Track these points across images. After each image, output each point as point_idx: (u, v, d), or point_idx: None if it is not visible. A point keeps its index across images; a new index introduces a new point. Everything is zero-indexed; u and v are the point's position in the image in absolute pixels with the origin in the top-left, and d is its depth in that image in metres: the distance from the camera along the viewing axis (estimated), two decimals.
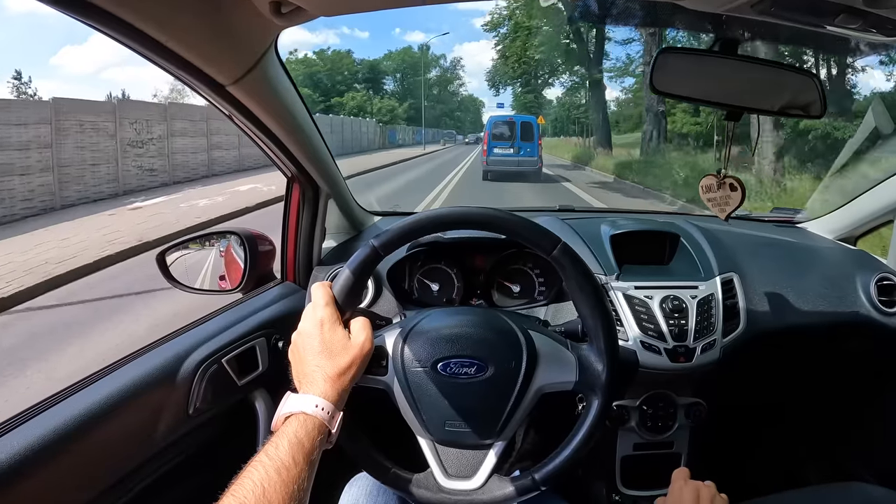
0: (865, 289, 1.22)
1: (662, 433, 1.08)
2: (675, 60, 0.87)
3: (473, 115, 66.04)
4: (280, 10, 0.69)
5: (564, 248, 0.71)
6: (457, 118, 59.81)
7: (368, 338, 0.70)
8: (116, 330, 3.92)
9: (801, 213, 1.53)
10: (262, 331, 0.99)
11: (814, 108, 0.89)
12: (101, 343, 3.68)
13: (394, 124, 38.60)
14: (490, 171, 13.11)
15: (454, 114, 59.09)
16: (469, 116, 64.29)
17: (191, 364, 0.86)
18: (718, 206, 0.96)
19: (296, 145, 0.96)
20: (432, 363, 0.72)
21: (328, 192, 1.12)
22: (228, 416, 0.93)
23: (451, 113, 57.93)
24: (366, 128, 28.52)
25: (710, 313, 1.05)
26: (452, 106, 58.80)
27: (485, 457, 0.74)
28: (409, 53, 52.62)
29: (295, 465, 0.56)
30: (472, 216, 0.72)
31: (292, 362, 0.71)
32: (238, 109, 0.83)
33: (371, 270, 0.75)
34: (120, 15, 0.58)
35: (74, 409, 0.70)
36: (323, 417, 0.62)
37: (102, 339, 3.75)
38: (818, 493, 1.00)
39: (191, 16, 0.65)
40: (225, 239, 1.17)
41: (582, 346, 0.75)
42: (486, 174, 13.19)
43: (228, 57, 0.74)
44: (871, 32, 0.74)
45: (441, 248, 1.14)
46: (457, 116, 59.83)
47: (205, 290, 1.12)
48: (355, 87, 45.21)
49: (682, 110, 17.69)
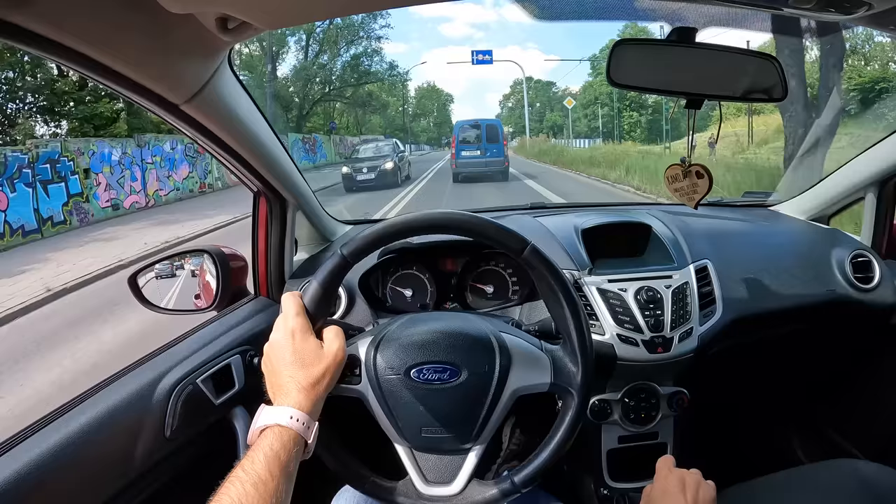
0: (841, 266, 1.23)
1: (646, 424, 1.09)
2: (632, 52, 0.87)
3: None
4: (227, 26, 0.69)
5: (533, 249, 0.71)
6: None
7: (341, 347, 0.70)
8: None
9: (772, 195, 1.54)
10: (238, 348, 0.98)
11: (776, 90, 0.90)
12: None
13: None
14: (460, 172, 13.93)
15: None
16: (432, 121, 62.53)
17: (165, 387, 0.85)
18: (687, 195, 0.97)
19: (258, 160, 0.95)
20: (405, 370, 0.71)
21: (295, 205, 1.11)
22: (208, 436, 0.92)
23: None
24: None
25: (685, 302, 1.05)
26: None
27: (463, 462, 0.73)
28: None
29: (272, 478, 0.56)
30: (439, 220, 0.72)
31: (265, 374, 0.70)
32: (194, 128, 0.82)
33: (341, 279, 0.74)
34: (61, 41, 0.57)
35: (49, 441, 0.70)
36: (298, 428, 0.62)
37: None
38: (808, 472, 1.00)
39: (136, 36, 0.64)
40: (198, 257, 1.16)
41: (556, 347, 0.74)
42: (457, 176, 14.00)
43: (179, 76, 0.73)
44: (830, 11, 0.74)
45: (412, 253, 1.14)
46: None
47: (179, 310, 1.11)
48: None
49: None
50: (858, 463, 0.95)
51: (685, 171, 0.94)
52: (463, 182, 13.71)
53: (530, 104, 62.63)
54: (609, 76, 0.85)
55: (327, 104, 31.17)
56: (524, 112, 60.92)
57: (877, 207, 1.27)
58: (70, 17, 0.56)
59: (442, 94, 67.09)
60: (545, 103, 61.02)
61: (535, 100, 62.52)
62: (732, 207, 1.54)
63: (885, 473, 0.91)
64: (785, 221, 1.42)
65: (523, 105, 62.35)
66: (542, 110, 60.72)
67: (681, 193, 0.95)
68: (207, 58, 0.74)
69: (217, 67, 0.77)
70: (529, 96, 61.57)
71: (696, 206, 0.95)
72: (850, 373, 1.43)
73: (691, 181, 0.94)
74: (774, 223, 1.40)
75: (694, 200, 0.94)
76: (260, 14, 0.67)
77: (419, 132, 61.59)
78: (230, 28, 0.69)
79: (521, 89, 63.51)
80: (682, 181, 0.95)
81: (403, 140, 35.27)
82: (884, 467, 0.92)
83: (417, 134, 59.86)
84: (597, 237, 1.16)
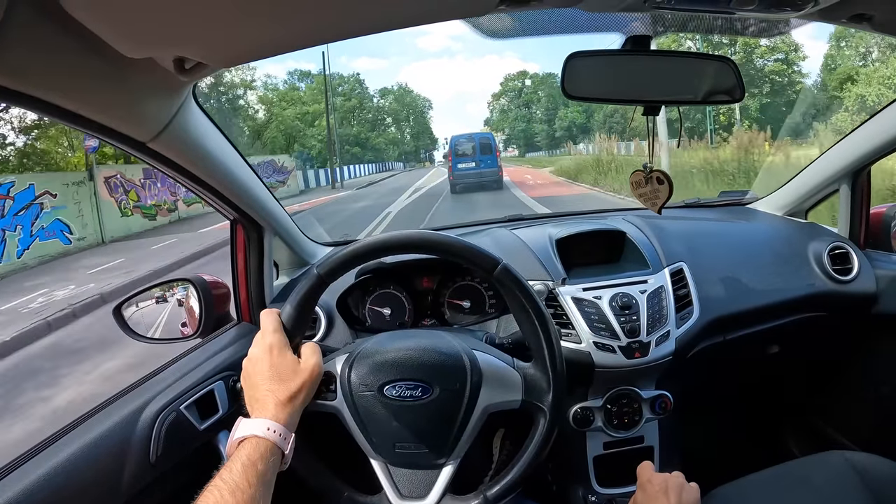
0: (819, 260, 1.23)
1: (630, 429, 1.09)
2: (585, 63, 0.89)
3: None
4: (184, 66, 0.72)
5: (504, 268, 0.73)
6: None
7: (318, 362, 0.72)
8: None
9: (748, 193, 1.55)
10: (221, 373, 1.00)
11: (735, 91, 0.92)
12: None
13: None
14: (457, 184, 14.93)
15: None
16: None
17: (149, 414, 0.87)
18: (650, 200, 0.98)
19: (230, 189, 0.97)
20: (378, 386, 0.73)
21: (272, 230, 1.13)
22: (192, 462, 0.94)
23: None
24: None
25: (661, 305, 1.06)
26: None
27: (437, 477, 0.74)
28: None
29: (249, 486, 0.58)
30: (411, 240, 0.74)
31: (244, 388, 0.72)
32: (164, 163, 0.84)
33: (317, 297, 0.77)
34: (25, 91, 0.59)
35: (36, 472, 0.71)
36: (275, 439, 0.64)
37: None
38: (797, 466, 1.00)
39: (98, 82, 0.67)
40: (182, 286, 1.19)
41: (527, 365, 0.76)
42: (455, 187, 14.99)
43: (143, 115, 0.76)
44: (780, 10, 0.76)
45: (388, 272, 1.15)
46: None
47: (164, 339, 1.13)
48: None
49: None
50: (847, 453, 0.95)
51: (647, 176, 0.95)
52: (461, 193, 14.52)
53: (528, 103, 54.78)
54: (564, 90, 0.87)
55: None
56: (522, 112, 53.12)
57: (851, 198, 1.28)
58: (31, 68, 0.58)
59: (419, 100, 57.22)
60: (554, 98, 48.98)
61: (532, 97, 54.35)
62: (709, 208, 1.55)
63: (876, 462, 0.91)
64: (762, 219, 1.43)
65: (521, 104, 54.20)
66: (552, 108, 49.64)
67: (644, 198, 0.97)
68: (170, 96, 0.77)
69: (181, 104, 0.80)
70: (527, 94, 54.13)
71: (659, 211, 0.96)
72: (835, 364, 1.42)
73: (653, 187, 0.95)
74: (751, 221, 1.41)
75: (657, 205, 0.96)
76: (213, 55, 0.70)
77: (383, 146, 49.53)
78: (187, 68, 0.72)
79: (514, 85, 55.98)
80: (644, 186, 0.96)
81: (330, 160, 27.42)
82: (872, 456, 0.92)
83: (379, 149, 48.47)
84: (572, 246, 1.17)
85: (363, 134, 46.06)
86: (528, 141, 53.95)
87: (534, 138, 52.73)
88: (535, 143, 52.69)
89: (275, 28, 0.68)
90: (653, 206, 0.96)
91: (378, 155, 47.69)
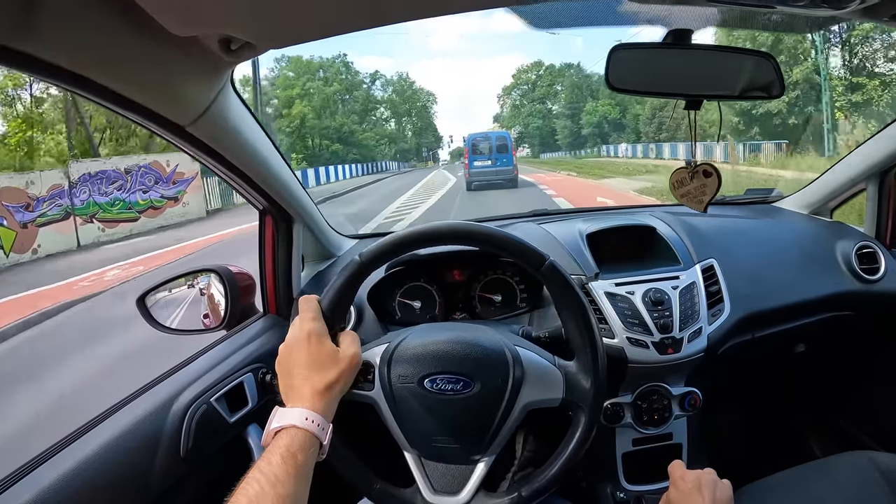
0: (846, 259, 1.23)
1: (659, 426, 1.08)
2: (629, 56, 0.88)
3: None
4: (230, 47, 0.70)
5: (552, 265, 0.72)
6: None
7: (357, 352, 0.70)
8: None
9: (774, 191, 1.55)
10: (249, 366, 0.98)
11: (774, 87, 0.91)
12: None
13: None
14: (473, 181, 14.92)
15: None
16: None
17: (179, 407, 0.85)
18: (695, 198, 0.96)
19: (263, 178, 0.95)
20: (418, 379, 0.72)
21: (301, 221, 1.12)
22: (223, 455, 0.92)
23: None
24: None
25: (693, 301, 1.05)
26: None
27: (471, 472, 0.74)
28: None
29: (289, 478, 0.56)
30: (459, 231, 0.73)
31: (279, 375, 0.70)
32: (200, 148, 0.82)
33: (358, 285, 0.75)
34: (68, 67, 0.58)
35: (66, 465, 0.70)
36: (314, 430, 0.62)
37: None
38: (823, 465, 1.00)
39: (140, 60, 0.65)
40: (205, 277, 1.16)
41: (569, 364, 0.75)
42: (470, 185, 14.98)
43: (184, 98, 0.74)
44: (823, 7, 0.75)
45: (418, 265, 1.14)
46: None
47: (188, 330, 1.11)
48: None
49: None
50: (873, 454, 0.95)
51: (692, 172, 0.94)
52: (476, 190, 14.55)
53: (543, 97, 46.22)
54: (608, 81, 0.86)
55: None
56: (537, 108, 46.19)
57: (879, 198, 1.28)
58: (75, 42, 0.56)
59: (422, 94, 48.76)
60: (579, 89, 41.49)
61: (548, 91, 46.20)
62: (735, 205, 1.55)
63: None
64: (788, 217, 1.43)
65: (536, 99, 46.54)
66: (575, 101, 41.39)
67: (688, 198, 0.95)
68: (211, 79, 0.75)
69: (221, 88, 0.78)
70: (542, 88, 46.43)
71: (704, 209, 0.94)
72: (860, 364, 1.43)
73: (699, 182, 0.94)
74: (778, 219, 1.41)
75: (703, 203, 0.93)
76: (261, 35, 0.68)
77: (373, 142, 41.03)
78: (233, 49, 0.70)
79: (527, 77, 47.60)
80: (688, 184, 0.95)
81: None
82: None
83: (367, 146, 39.58)
84: (602, 241, 1.16)
85: (347, 127, 37.54)
86: (543, 140, 46.23)
87: (553, 136, 44.66)
88: (555, 141, 44.27)
89: (327, 9, 0.66)
90: (698, 204, 0.94)
91: (366, 153, 38.46)
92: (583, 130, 39.08)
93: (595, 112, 37.58)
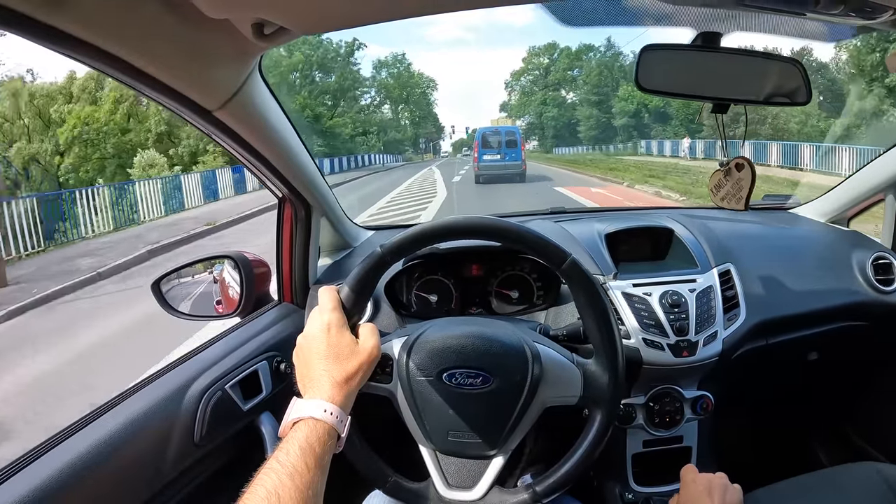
0: (862, 269, 1.23)
1: (670, 428, 1.08)
2: (658, 57, 0.87)
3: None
4: (263, 31, 0.69)
5: (573, 262, 0.71)
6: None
7: (376, 344, 0.70)
8: None
9: (791, 198, 1.54)
10: (264, 354, 0.98)
11: (799, 94, 0.90)
12: None
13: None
14: (481, 174, 15.09)
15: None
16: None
17: (194, 392, 0.85)
18: (734, 197, 0.95)
19: (285, 165, 0.95)
20: (437, 373, 0.72)
21: (320, 210, 1.11)
22: (235, 442, 0.92)
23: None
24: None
25: (709, 305, 1.05)
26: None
27: (486, 468, 0.74)
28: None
29: (307, 469, 0.56)
30: (481, 226, 0.72)
31: (297, 366, 0.70)
32: (226, 133, 0.82)
33: (378, 277, 0.75)
34: (97, 44, 0.57)
35: (80, 447, 0.70)
36: (332, 422, 0.62)
37: None
38: (832, 474, 1.00)
39: (171, 40, 0.64)
40: (219, 264, 1.16)
41: (588, 362, 0.75)
42: (479, 178, 15.11)
43: (213, 81, 0.73)
44: (851, 16, 0.75)
45: (436, 259, 1.13)
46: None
47: (202, 315, 1.11)
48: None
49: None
50: (879, 465, 0.95)
51: (726, 171, 0.94)
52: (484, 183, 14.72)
53: (556, 84, 38.56)
54: (637, 82, 0.85)
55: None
56: (550, 95, 38.38)
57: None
58: (105, 19, 0.55)
59: (422, 80, 40.80)
60: (604, 70, 34.22)
61: (563, 77, 38.41)
62: (752, 211, 1.54)
63: None
64: (805, 224, 1.42)
65: (549, 85, 38.75)
66: (602, 87, 34.16)
67: (728, 199, 0.94)
68: (241, 63, 0.75)
69: (250, 73, 0.77)
70: (556, 73, 38.78)
71: (745, 206, 0.93)
72: (873, 376, 1.42)
73: (734, 177, 0.93)
74: (795, 226, 1.41)
75: (742, 199, 0.92)
76: (297, 19, 0.67)
77: (347, 131, 32.49)
78: (266, 33, 0.69)
79: (539, 62, 39.92)
80: (725, 185, 0.94)
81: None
82: None
83: (337, 134, 31.33)
84: (619, 242, 1.16)
85: (310, 110, 29.88)
86: (558, 132, 37.88)
87: (571, 128, 36.89)
88: (575, 133, 36.48)
89: None
90: (738, 202, 0.93)
91: (337, 144, 29.81)
92: (614, 121, 32.29)
93: (632, 98, 29.66)
